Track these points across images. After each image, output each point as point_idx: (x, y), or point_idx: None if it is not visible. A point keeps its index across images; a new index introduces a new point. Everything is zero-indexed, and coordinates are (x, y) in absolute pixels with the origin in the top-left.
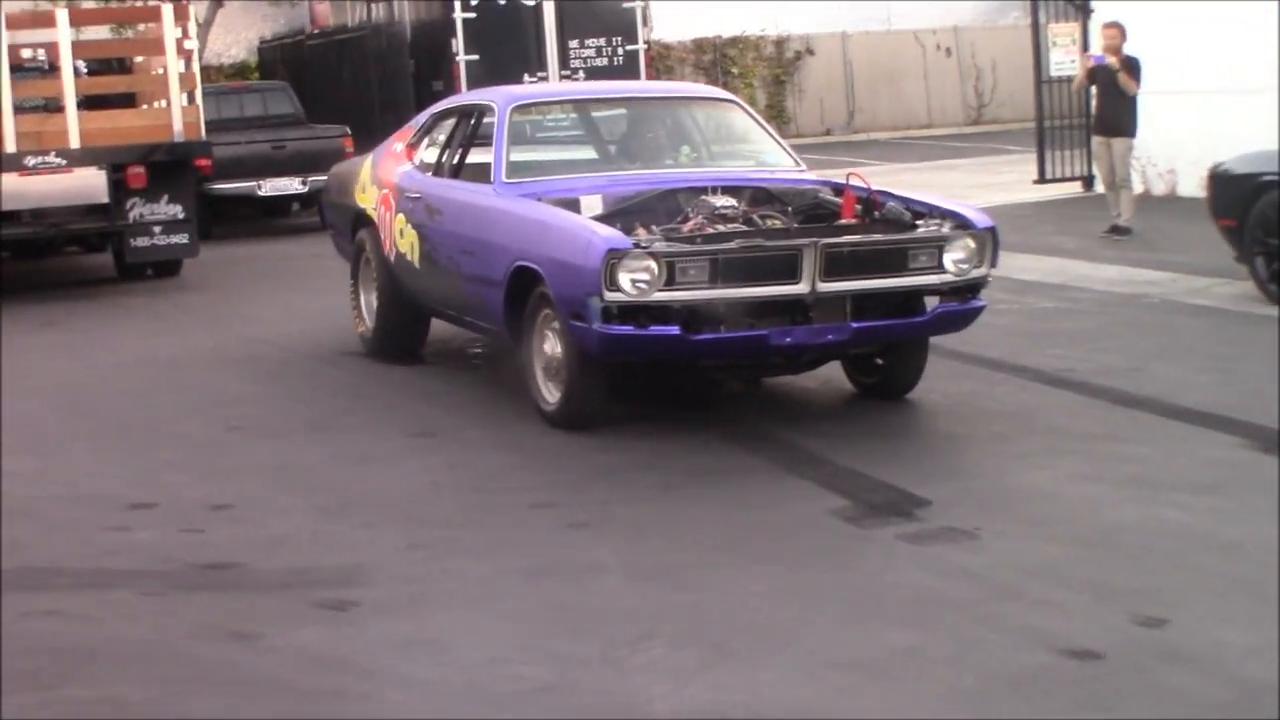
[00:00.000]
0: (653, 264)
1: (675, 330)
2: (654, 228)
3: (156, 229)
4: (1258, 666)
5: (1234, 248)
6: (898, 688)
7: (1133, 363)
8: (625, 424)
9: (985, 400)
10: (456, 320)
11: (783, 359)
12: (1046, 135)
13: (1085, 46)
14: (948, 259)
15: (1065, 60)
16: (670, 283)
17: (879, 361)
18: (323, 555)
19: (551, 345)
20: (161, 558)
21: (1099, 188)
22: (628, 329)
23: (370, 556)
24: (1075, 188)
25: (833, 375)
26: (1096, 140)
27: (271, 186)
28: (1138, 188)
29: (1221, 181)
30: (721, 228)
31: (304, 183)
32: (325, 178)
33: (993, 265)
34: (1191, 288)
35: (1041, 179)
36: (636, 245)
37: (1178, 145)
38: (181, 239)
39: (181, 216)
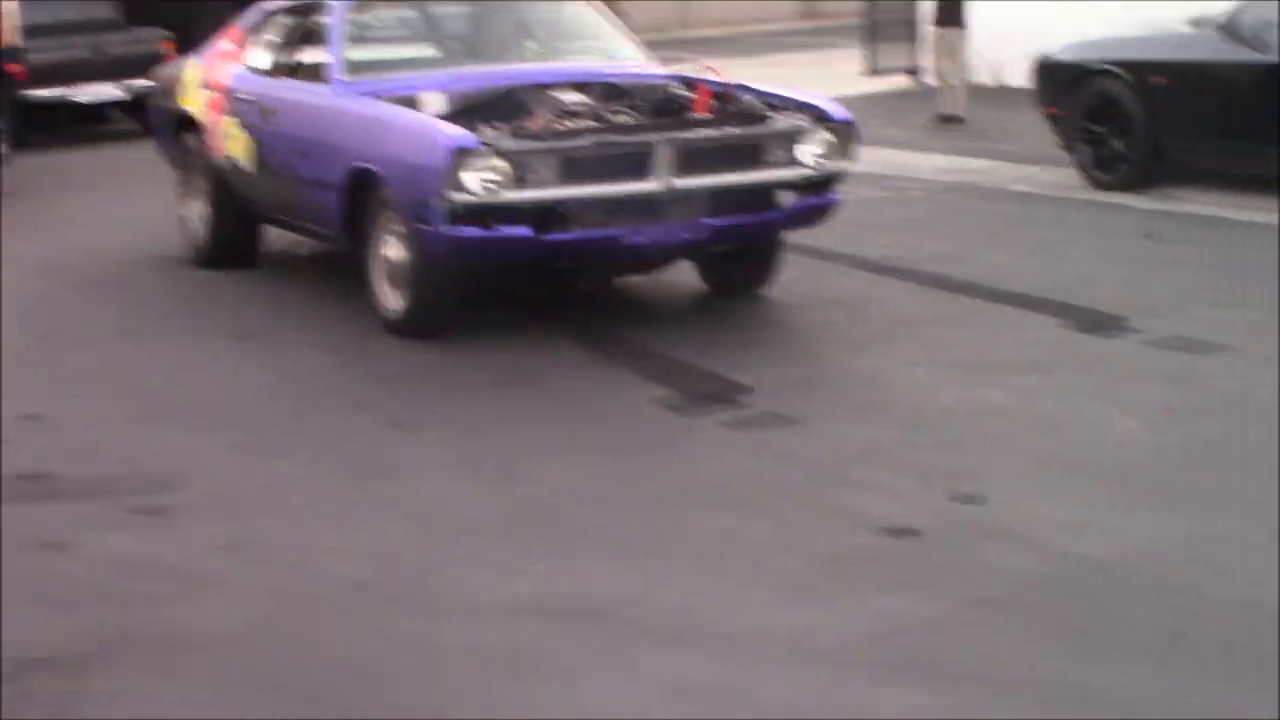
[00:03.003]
0: (501, 163)
1: (526, 231)
2: (500, 125)
3: None
4: (1074, 541)
5: (1059, 135)
6: (720, 572)
7: (959, 249)
8: (465, 327)
9: (815, 289)
10: (292, 226)
11: (636, 258)
12: (876, 29)
13: None
14: (805, 153)
15: None
16: (520, 182)
17: (730, 259)
18: (138, 462)
19: (395, 250)
20: None
21: (928, 79)
22: (475, 231)
23: (187, 461)
24: (903, 80)
25: (685, 274)
26: (933, 32)
27: (89, 92)
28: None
29: (1048, 70)
30: (571, 124)
31: (123, 88)
32: (146, 83)
33: (851, 158)
34: (1016, 175)
35: (871, 72)
36: (484, 143)
37: (1006, 37)
38: None
39: None
